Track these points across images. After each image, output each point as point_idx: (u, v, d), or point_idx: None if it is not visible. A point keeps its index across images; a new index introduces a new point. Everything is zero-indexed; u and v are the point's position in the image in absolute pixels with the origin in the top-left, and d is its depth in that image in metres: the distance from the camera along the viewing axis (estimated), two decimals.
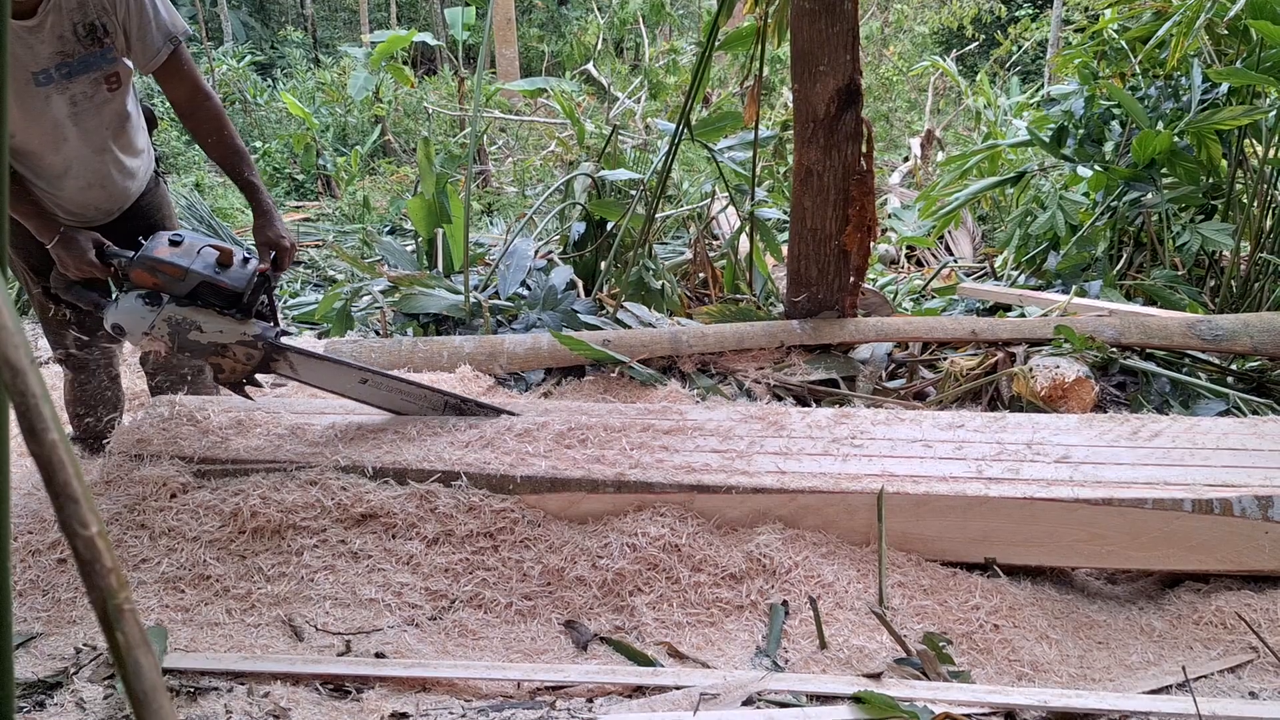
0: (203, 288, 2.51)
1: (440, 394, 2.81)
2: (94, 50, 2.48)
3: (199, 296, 2.52)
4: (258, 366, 2.62)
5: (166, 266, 2.48)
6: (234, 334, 2.55)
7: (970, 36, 13.79)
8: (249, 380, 2.66)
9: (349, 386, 2.72)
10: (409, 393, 2.78)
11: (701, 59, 4.44)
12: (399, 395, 2.78)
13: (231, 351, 2.56)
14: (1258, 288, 4.73)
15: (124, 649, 0.45)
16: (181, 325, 2.51)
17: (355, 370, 2.71)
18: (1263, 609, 2.23)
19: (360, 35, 14.82)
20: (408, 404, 2.79)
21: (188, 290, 2.51)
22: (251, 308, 2.56)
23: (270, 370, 2.64)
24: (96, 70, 2.51)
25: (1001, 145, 6.27)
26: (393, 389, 2.77)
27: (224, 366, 2.60)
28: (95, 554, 0.46)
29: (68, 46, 2.44)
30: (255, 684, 2.02)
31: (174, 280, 2.49)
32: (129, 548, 2.43)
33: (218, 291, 2.51)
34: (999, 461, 2.51)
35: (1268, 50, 4.40)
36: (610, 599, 2.30)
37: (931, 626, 2.19)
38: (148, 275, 2.49)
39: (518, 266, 4.80)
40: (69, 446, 0.47)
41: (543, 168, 9.56)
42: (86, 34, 2.45)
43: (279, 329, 2.64)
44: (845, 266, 3.95)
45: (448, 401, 2.81)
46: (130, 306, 2.51)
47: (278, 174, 11.28)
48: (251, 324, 2.57)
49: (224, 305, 2.54)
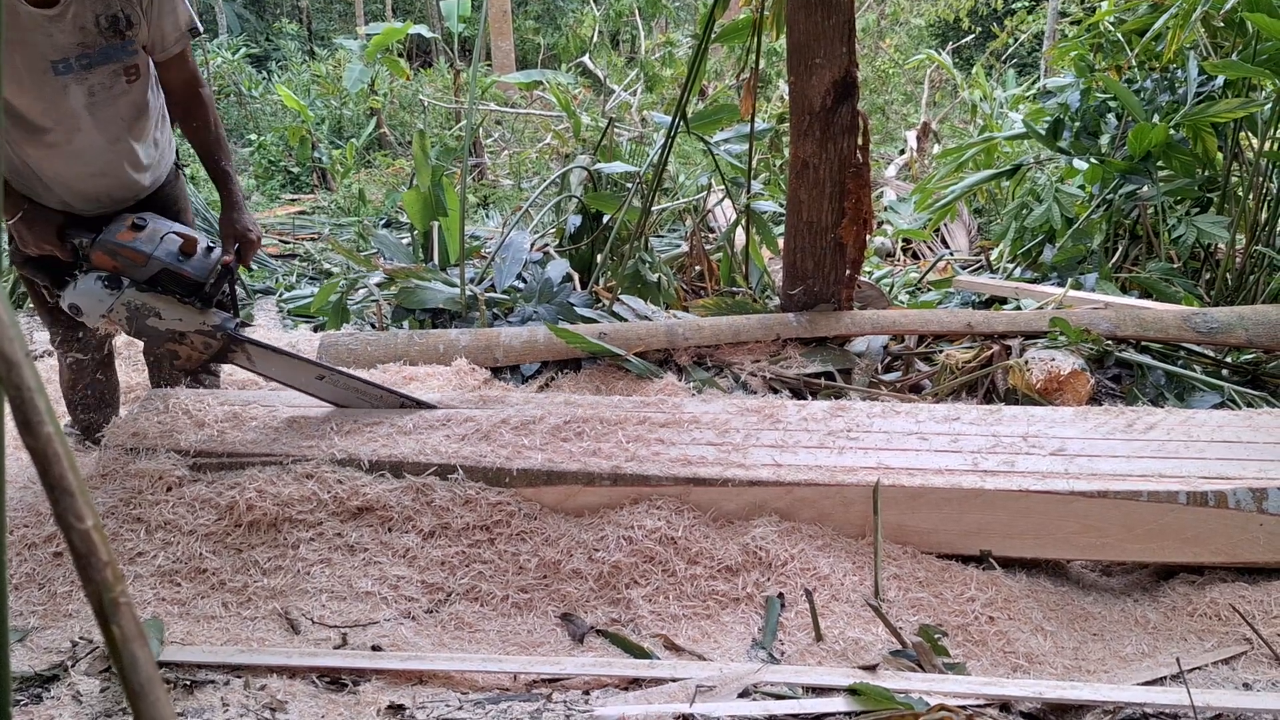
0: (164, 275, 2.50)
1: (394, 394, 2.80)
2: (115, 42, 2.47)
3: (159, 283, 2.52)
4: (215, 356, 2.62)
5: (127, 251, 2.48)
6: (193, 323, 2.54)
7: (966, 29, 13.77)
8: (204, 369, 2.66)
9: (305, 381, 2.72)
10: (365, 392, 2.78)
11: (697, 52, 4.43)
12: (354, 394, 2.78)
13: (189, 340, 2.56)
14: (1253, 280, 4.73)
15: (120, 642, 0.45)
16: (140, 310, 2.51)
17: (312, 366, 2.71)
18: (1257, 601, 2.23)
19: (355, 27, 14.78)
20: (362, 402, 2.80)
21: (148, 276, 2.50)
22: (212, 298, 2.56)
23: (228, 360, 2.65)
24: (116, 62, 2.51)
25: (997, 138, 6.27)
26: (349, 387, 2.77)
27: (180, 354, 2.59)
28: (91, 547, 0.46)
29: (89, 38, 2.43)
30: (252, 677, 2.02)
31: (135, 265, 2.49)
32: (125, 541, 2.43)
33: (179, 280, 2.51)
34: (994, 454, 2.51)
35: (1264, 43, 4.40)
36: (606, 592, 2.30)
37: (927, 618, 2.19)
38: (108, 258, 2.49)
39: (514, 259, 4.79)
40: (64, 440, 0.47)
41: (538, 160, 9.55)
42: (109, 25, 2.45)
43: (238, 320, 2.64)
44: (841, 259, 3.94)
45: (404, 403, 2.80)
46: (89, 288, 2.50)
47: (273, 167, 11.25)
48: (211, 314, 2.57)
49: (184, 293, 2.54)
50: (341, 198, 9.30)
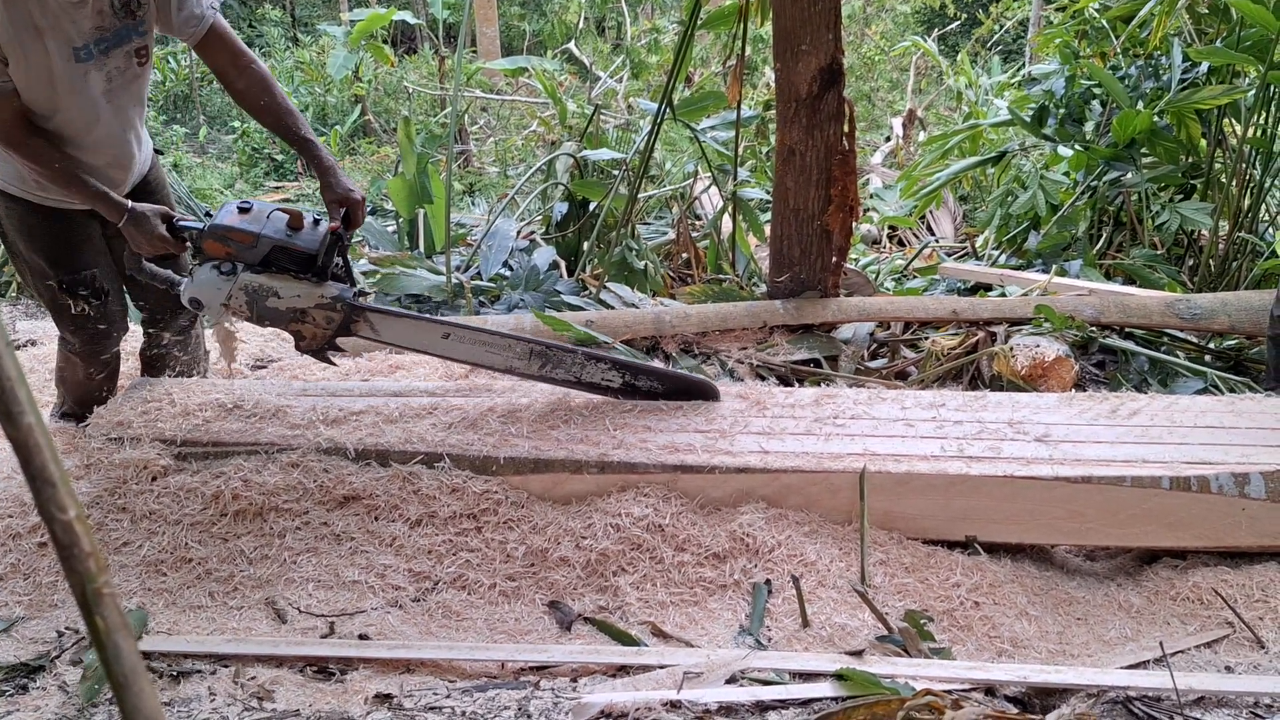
0: (276, 252, 2.47)
1: (525, 341, 2.68)
2: (128, 22, 2.45)
3: (273, 262, 2.48)
4: (338, 330, 2.57)
5: (237, 234, 2.45)
6: (312, 298, 2.50)
7: (952, 16, 13.76)
8: (331, 345, 2.61)
9: (432, 343, 2.65)
10: (493, 343, 2.66)
11: (684, 38, 4.42)
12: (483, 348, 2.66)
13: (311, 316, 2.52)
14: (1235, 267, 4.76)
15: (104, 633, 0.45)
16: (258, 293, 2.48)
17: (437, 325, 2.65)
18: (1239, 585, 2.25)
19: (339, 13, 14.67)
20: (492, 356, 2.67)
21: (261, 256, 2.47)
22: (327, 269, 2.52)
23: (351, 333, 2.59)
24: (129, 43, 2.48)
25: (983, 125, 6.28)
26: (477, 341, 2.65)
27: (305, 333, 2.55)
28: (74, 538, 0.45)
29: (105, 20, 2.41)
30: (239, 666, 2.01)
31: (246, 247, 2.45)
32: (110, 531, 2.42)
33: (291, 255, 2.47)
34: (980, 440, 2.52)
35: (1247, 29, 4.42)
36: (594, 579, 2.30)
37: (913, 604, 2.20)
38: (219, 245, 2.46)
39: (500, 247, 4.78)
40: (45, 430, 0.47)
41: (525, 147, 9.51)
42: (122, 6, 2.43)
43: (357, 289, 2.59)
44: (828, 246, 3.95)
45: (533, 349, 2.66)
46: (206, 278, 2.47)
47: (257, 154, 11.17)
48: (328, 286, 2.52)
49: (299, 269, 2.50)
50: None
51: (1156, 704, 1.82)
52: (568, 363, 2.66)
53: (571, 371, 2.67)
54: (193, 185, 9.32)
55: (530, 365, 2.66)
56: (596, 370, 2.68)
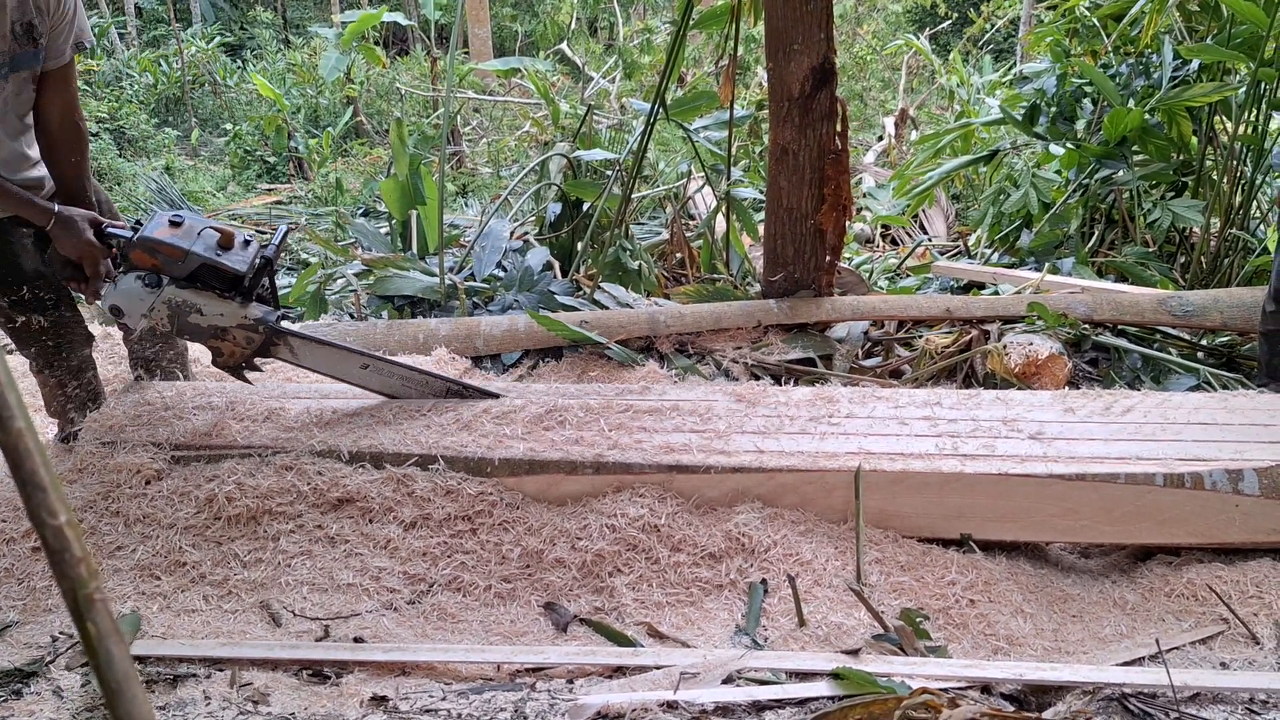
0: (203, 270, 2.46)
1: (442, 380, 2.77)
2: (29, 49, 2.41)
3: (199, 279, 2.48)
4: (258, 350, 2.58)
5: (166, 248, 2.43)
6: (234, 317, 2.51)
7: (943, 15, 13.78)
8: (248, 365, 2.61)
9: (350, 372, 2.68)
10: (410, 378, 2.74)
11: (676, 38, 4.41)
12: (399, 380, 2.73)
13: (231, 335, 2.52)
14: (1227, 263, 4.78)
15: (95, 639, 0.45)
16: (181, 308, 2.47)
17: (356, 355, 2.67)
18: (1233, 581, 2.26)
19: (331, 15, 14.64)
20: (408, 389, 2.75)
21: (188, 272, 2.46)
22: (253, 291, 2.52)
23: (270, 355, 2.60)
24: (27, 69, 2.44)
25: (974, 124, 6.29)
26: (394, 374, 2.72)
27: (223, 350, 2.56)
28: (64, 543, 0.45)
29: (6, 45, 2.37)
30: (234, 670, 2.01)
31: (174, 262, 2.44)
32: (104, 535, 2.41)
33: (218, 274, 2.47)
34: (974, 438, 2.52)
35: (1238, 26, 4.43)
36: (590, 580, 2.30)
37: (909, 602, 2.20)
38: (147, 256, 2.45)
39: (493, 248, 4.77)
40: (35, 434, 0.47)
41: (517, 148, 9.50)
42: (24, 32, 2.39)
43: (280, 312, 2.60)
44: (821, 245, 3.95)
45: (449, 388, 2.76)
46: (129, 288, 2.46)
47: (249, 156, 11.15)
48: (252, 307, 2.53)
49: (225, 288, 2.50)
50: (318, 187, 9.23)
51: (1152, 701, 1.83)
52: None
53: None
54: (185, 188, 9.30)
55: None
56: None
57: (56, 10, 2.43)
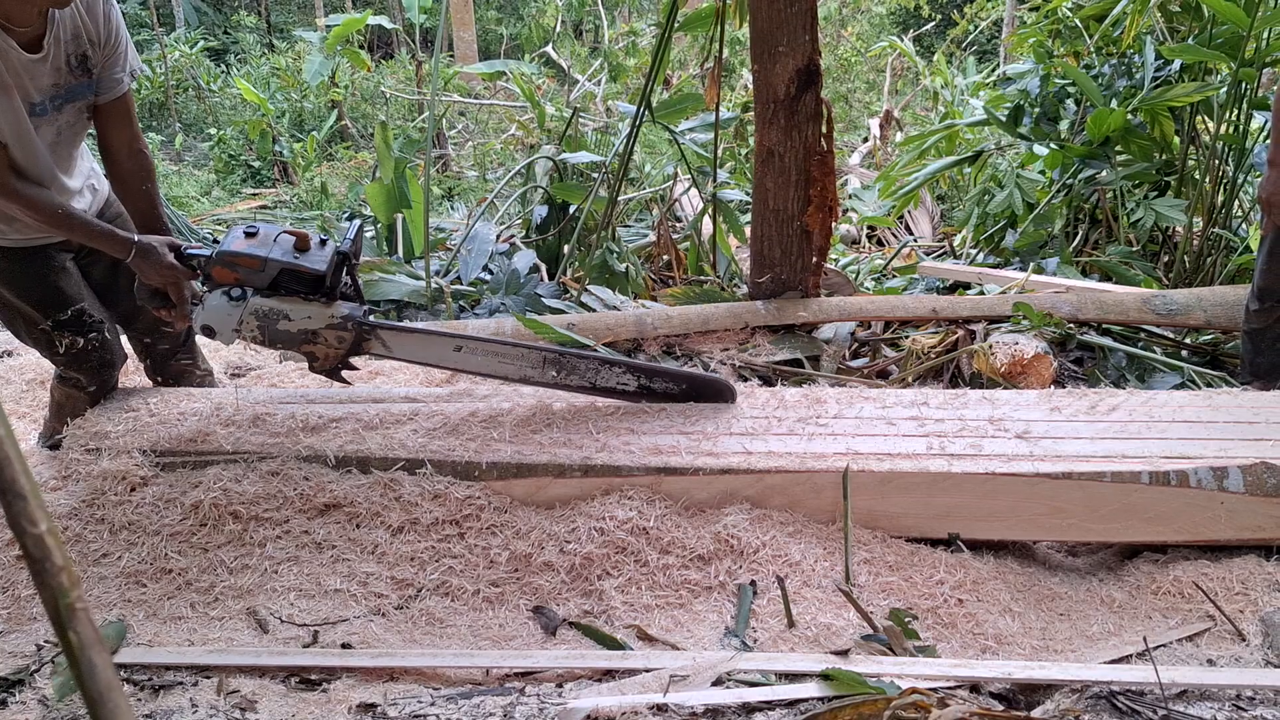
0: (284, 275, 2.46)
1: (537, 349, 2.66)
2: (83, 80, 2.43)
3: (281, 285, 2.48)
4: (351, 349, 2.56)
5: (244, 259, 2.44)
6: (322, 318, 2.50)
7: (927, 16, 13.84)
8: (344, 364, 2.60)
9: (445, 356, 2.64)
10: (505, 353, 2.65)
11: (661, 41, 4.42)
12: (496, 358, 2.65)
13: (323, 337, 2.51)
14: (1210, 262, 4.81)
15: (77, 648, 0.44)
16: (269, 316, 2.47)
17: (449, 339, 2.63)
18: (1219, 578, 2.27)
19: (315, 19, 14.60)
20: (506, 366, 2.65)
21: (269, 280, 2.46)
22: (335, 289, 2.51)
23: (364, 351, 2.58)
24: (82, 100, 2.46)
25: (959, 125, 6.31)
26: (489, 352, 2.64)
27: (317, 354, 2.54)
28: (45, 552, 0.44)
29: (62, 78, 2.38)
30: (221, 677, 1.99)
31: (254, 272, 2.45)
32: (89, 543, 2.39)
33: (299, 277, 2.47)
34: (961, 438, 2.53)
35: (1219, 27, 4.46)
36: (579, 583, 2.30)
37: (897, 602, 2.21)
38: (228, 271, 2.46)
39: (479, 251, 4.77)
40: (15, 441, 0.46)
41: (503, 151, 9.49)
42: (79, 64, 2.40)
43: (367, 307, 2.58)
44: (808, 247, 3.96)
45: (546, 357, 2.65)
46: (216, 304, 2.47)
47: (233, 161, 11.11)
48: (338, 306, 2.52)
49: (307, 290, 2.49)
50: (303, 191, 9.20)
51: (1140, 698, 1.83)
52: (581, 369, 2.65)
53: (586, 377, 2.66)
54: (169, 193, 9.25)
55: (545, 373, 2.65)
56: (611, 375, 2.67)
57: (109, 42, 2.44)
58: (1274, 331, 3.36)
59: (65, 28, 2.34)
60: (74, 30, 2.36)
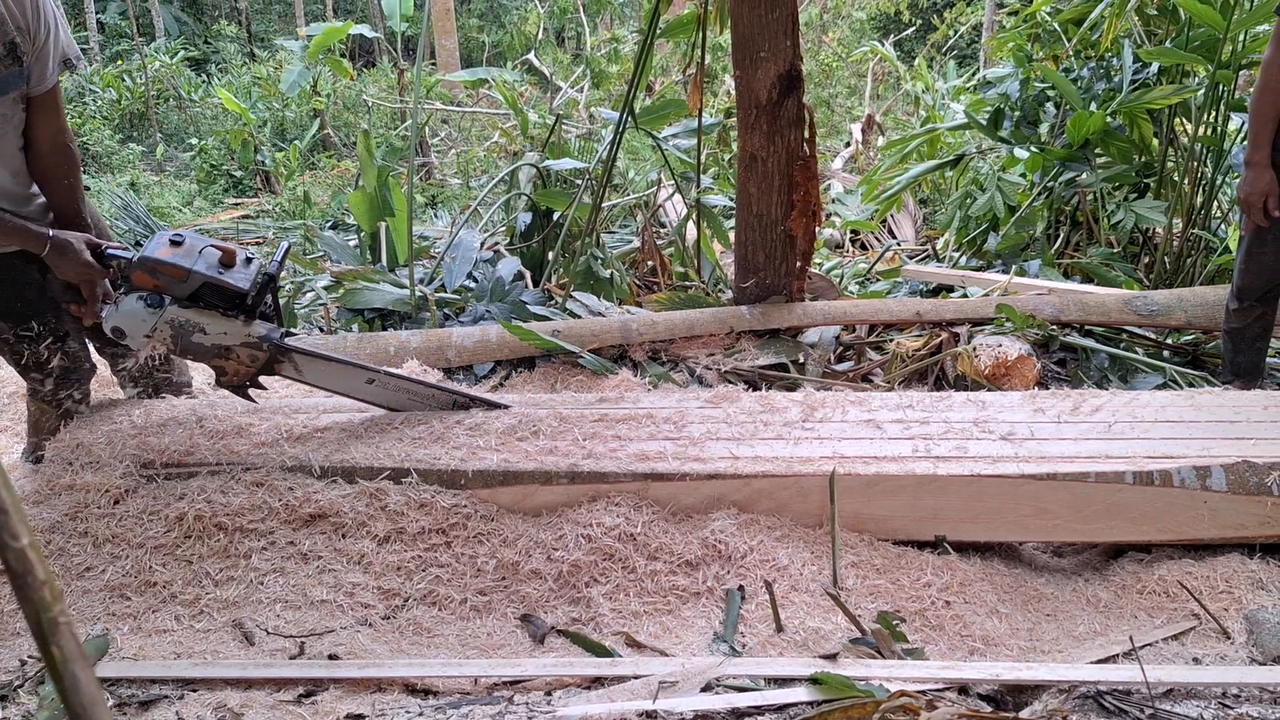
0: (205, 289, 2.44)
1: (449, 392, 2.75)
2: (13, 69, 2.35)
3: (201, 298, 2.45)
4: (262, 369, 2.56)
5: (168, 267, 2.41)
6: (238, 335, 2.48)
7: (907, 22, 13.92)
8: (253, 383, 2.59)
9: (355, 387, 2.66)
10: (416, 392, 2.72)
11: (643, 47, 4.43)
12: (405, 394, 2.72)
13: (236, 354, 2.50)
14: (1190, 263, 4.85)
15: (60, 663, 0.44)
16: (184, 327, 2.45)
17: (362, 370, 2.65)
18: (1203, 576, 2.29)
19: (295, 28, 14.57)
20: (414, 403, 2.73)
21: (190, 291, 2.44)
22: (256, 309, 2.50)
23: (275, 372, 2.58)
24: (14, 90, 2.39)
25: (940, 129, 6.35)
26: (399, 388, 2.70)
27: (227, 369, 2.53)
28: (27, 566, 0.44)
29: None
30: (207, 690, 1.98)
31: (176, 281, 2.42)
32: (72, 556, 2.37)
33: (221, 292, 2.45)
34: (946, 440, 2.54)
35: (1196, 30, 4.50)
36: (566, 591, 2.29)
37: (885, 605, 2.21)
38: (148, 277, 2.42)
39: (463, 259, 4.75)
40: None
41: (486, 159, 9.48)
42: (7, 53, 2.33)
43: (284, 330, 2.57)
44: (792, 251, 3.97)
45: (456, 400, 2.74)
46: (131, 309, 2.43)
47: (215, 171, 11.06)
48: (256, 325, 2.51)
49: (228, 306, 2.47)
50: (286, 200, 9.16)
51: (1127, 698, 1.84)
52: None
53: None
54: (150, 203, 9.20)
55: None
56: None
57: (38, 29, 2.37)
58: (1253, 330, 3.39)
59: None
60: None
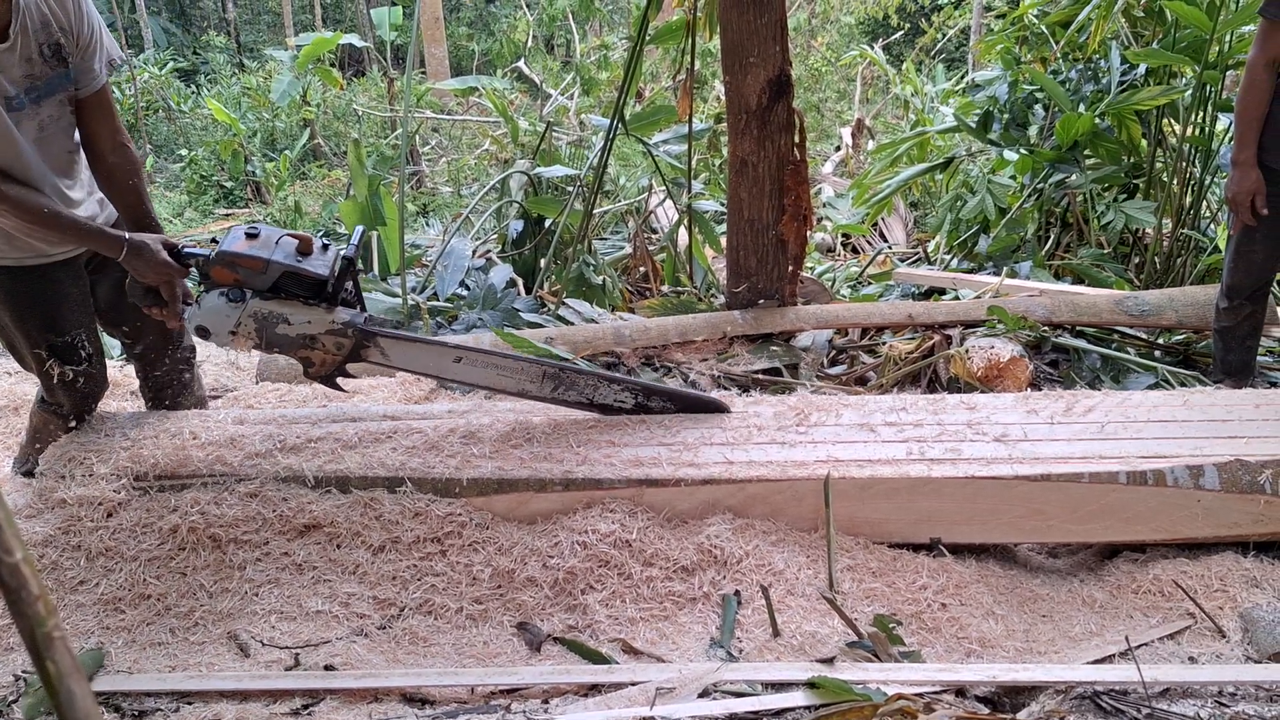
0: (285, 278, 2.42)
1: (538, 363, 2.64)
2: (60, 70, 2.36)
3: (282, 288, 2.43)
4: (349, 356, 2.53)
5: (246, 260, 2.39)
6: (322, 324, 2.46)
7: (896, 26, 13.96)
8: (340, 371, 2.56)
9: (444, 367, 2.59)
10: (505, 366, 2.62)
11: (633, 54, 4.44)
12: (495, 370, 2.62)
13: (321, 342, 2.47)
14: (1180, 263, 4.86)
15: (55, 678, 0.44)
16: (268, 320, 2.43)
17: (450, 349, 2.59)
18: (1198, 575, 2.29)
19: (284, 39, 14.56)
20: (504, 379, 2.63)
21: (270, 283, 2.42)
22: (337, 295, 2.48)
23: (361, 359, 2.54)
24: (62, 91, 2.40)
25: (930, 132, 6.37)
26: (488, 364, 2.61)
27: (314, 359, 2.50)
28: (21, 581, 0.44)
29: (35, 69, 2.32)
30: (203, 704, 1.97)
31: (255, 274, 2.40)
32: (65, 570, 2.36)
33: (301, 281, 2.43)
34: (940, 442, 2.54)
35: (1183, 31, 4.52)
36: (562, 598, 2.29)
37: (881, 608, 2.21)
38: (228, 271, 2.40)
39: (455, 267, 4.75)
40: None
41: (477, 167, 9.48)
42: (52, 54, 2.34)
43: (367, 314, 2.55)
44: (783, 256, 3.98)
45: (545, 371, 2.63)
46: (214, 305, 2.41)
47: (205, 182, 11.04)
48: (339, 312, 2.48)
49: (309, 295, 2.45)
50: (277, 210, 9.15)
51: (1124, 697, 1.85)
52: (580, 384, 2.65)
53: (584, 393, 2.66)
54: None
55: (543, 388, 2.63)
56: (609, 392, 2.67)
57: (81, 29, 2.38)
58: (1243, 329, 3.41)
59: (33, 16, 2.28)
60: (42, 19, 2.30)
